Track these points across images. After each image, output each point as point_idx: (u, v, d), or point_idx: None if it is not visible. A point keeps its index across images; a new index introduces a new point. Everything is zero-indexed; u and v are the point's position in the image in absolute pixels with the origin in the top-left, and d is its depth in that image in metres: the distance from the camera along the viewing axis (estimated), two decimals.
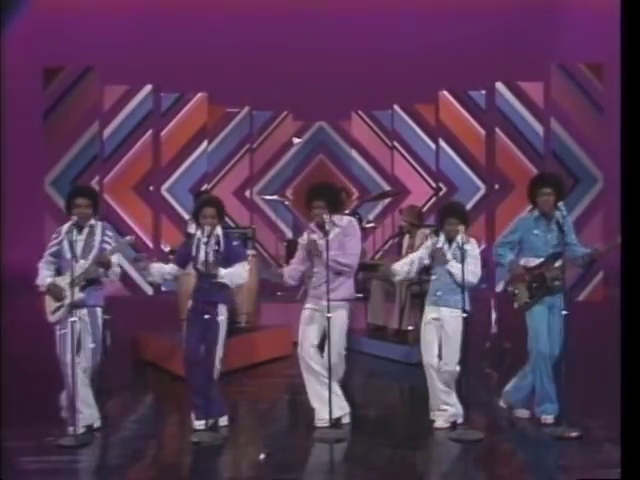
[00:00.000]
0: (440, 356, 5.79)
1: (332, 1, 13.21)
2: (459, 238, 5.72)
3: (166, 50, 12.72)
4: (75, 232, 5.72)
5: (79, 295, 5.66)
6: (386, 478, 5.07)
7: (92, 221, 5.83)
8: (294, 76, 12.76)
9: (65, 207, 5.91)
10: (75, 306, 5.66)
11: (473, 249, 5.81)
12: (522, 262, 5.93)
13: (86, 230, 5.79)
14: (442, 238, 5.85)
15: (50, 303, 5.75)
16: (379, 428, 5.94)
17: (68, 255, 5.73)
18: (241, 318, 8.07)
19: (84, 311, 5.72)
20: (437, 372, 5.78)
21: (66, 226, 5.81)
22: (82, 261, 5.72)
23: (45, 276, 5.77)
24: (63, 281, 5.73)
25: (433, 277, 5.89)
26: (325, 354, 5.80)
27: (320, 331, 5.86)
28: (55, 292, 5.72)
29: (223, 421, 5.88)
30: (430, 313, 5.86)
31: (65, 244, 5.76)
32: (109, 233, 5.86)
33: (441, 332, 5.79)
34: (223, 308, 5.81)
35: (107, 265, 5.71)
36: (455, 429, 5.72)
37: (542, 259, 5.82)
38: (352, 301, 6.00)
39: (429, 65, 12.43)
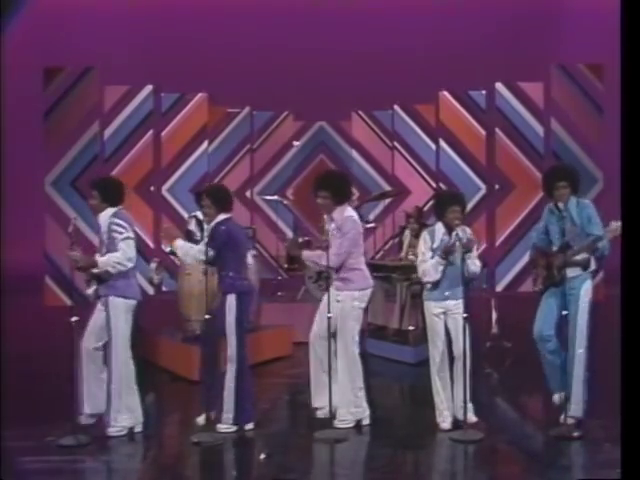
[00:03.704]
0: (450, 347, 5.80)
1: (332, 1, 13.21)
2: (459, 228, 5.71)
3: (167, 50, 12.72)
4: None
5: (90, 290, 5.68)
6: (386, 478, 5.08)
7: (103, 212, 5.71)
8: (294, 76, 12.76)
9: None
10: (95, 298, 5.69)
11: (472, 237, 5.83)
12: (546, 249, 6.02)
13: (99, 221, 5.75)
14: (442, 229, 5.81)
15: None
16: (379, 428, 5.94)
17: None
18: None
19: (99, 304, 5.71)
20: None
21: None
22: (97, 255, 5.69)
23: None
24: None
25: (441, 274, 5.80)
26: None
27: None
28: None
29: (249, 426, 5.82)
30: (437, 308, 5.80)
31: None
32: (116, 220, 5.63)
33: (452, 323, 5.77)
34: (231, 297, 5.73)
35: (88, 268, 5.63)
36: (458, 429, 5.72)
37: (555, 248, 5.88)
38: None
39: (429, 65, 12.42)
